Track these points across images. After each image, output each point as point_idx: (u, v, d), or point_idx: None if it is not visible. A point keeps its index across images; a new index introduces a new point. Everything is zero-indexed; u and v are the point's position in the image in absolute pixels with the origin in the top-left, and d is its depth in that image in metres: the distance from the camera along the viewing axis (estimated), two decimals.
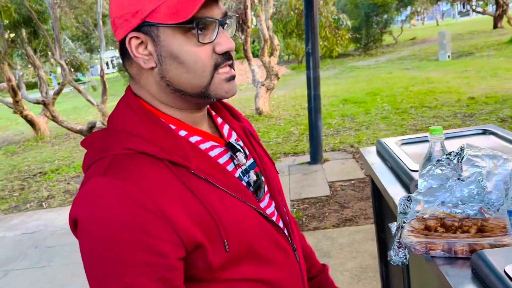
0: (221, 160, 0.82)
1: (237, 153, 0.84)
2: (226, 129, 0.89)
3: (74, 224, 0.72)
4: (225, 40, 0.76)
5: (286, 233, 0.88)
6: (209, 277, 0.76)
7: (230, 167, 0.83)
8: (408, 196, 1.26)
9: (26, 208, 5.16)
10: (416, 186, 1.31)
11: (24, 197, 5.57)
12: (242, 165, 0.85)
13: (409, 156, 1.74)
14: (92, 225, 0.69)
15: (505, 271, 0.87)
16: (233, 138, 0.88)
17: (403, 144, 1.97)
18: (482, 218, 1.13)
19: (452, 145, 1.54)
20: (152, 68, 0.76)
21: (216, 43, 0.75)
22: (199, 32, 0.73)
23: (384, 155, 1.91)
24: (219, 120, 0.90)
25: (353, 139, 5.96)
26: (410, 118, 6.63)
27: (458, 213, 1.18)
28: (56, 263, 3.59)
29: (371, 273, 2.67)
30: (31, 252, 3.89)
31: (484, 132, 1.96)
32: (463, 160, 1.21)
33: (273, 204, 0.89)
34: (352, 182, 4.42)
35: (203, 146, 0.81)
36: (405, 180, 1.58)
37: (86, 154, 0.78)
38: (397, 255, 1.14)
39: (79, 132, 6.98)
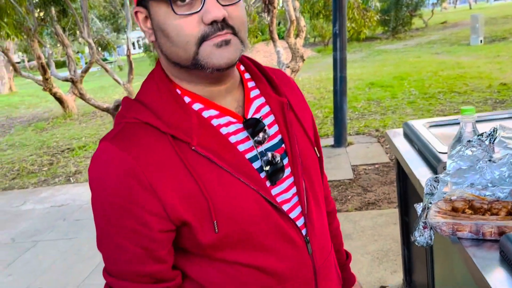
0: (235, 138, 0.78)
1: (259, 132, 0.79)
2: (256, 103, 0.83)
3: (89, 180, 0.77)
4: (213, 8, 0.69)
5: (301, 223, 0.83)
6: (200, 253, 0.77)
7: (244, 146, 0.79)
8: (436, 177, 1.24)
9: (55, 182, 5.32)
10: (444, 168, 1.28)
11: (53, 172, 5.73)
12: (262, 145, 0.80)
13: (437, 138, 1.70)
14: (92, 185, 0.75)
15: None
16: (260, 114, 0.82)
17: (431, 126, 1.93)
18: None
19: (483, 129, 1.50)
20: (154, 42, 0.76)
21: (204, 11, 0.69)
22: (180, 3, 0.69)
23: (411, 137, 1.88)
24: (255, 92, 0.84)
25: (379, 123, 5.87)
26: (438, 103, 6.47)
27: (487, 195, 1.15)
28: (83, 236, 3.70)
29: (393, 256, 2.66)
30: (59, 224, 4.01)
31: None
32: (495, 141, 1.18)
33: (294, 189, 0.83)
34: (376, 166, 4.37)
35: (217, 122, 0.77)
36: (433, 162, 1.55)
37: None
38: (422, 235, 1.12)
39: (106, 110, 7.09)
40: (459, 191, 1.17)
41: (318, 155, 0.91)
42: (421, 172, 1.56)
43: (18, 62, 13.36)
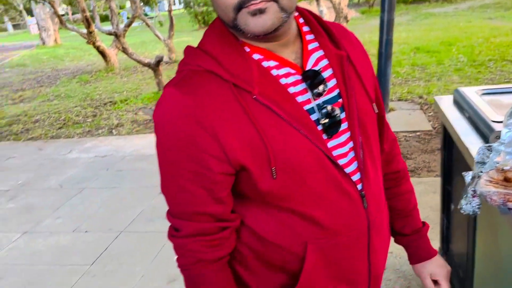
0: (294, 89, 0.79)
1: (318, 84, 0.80)
2: (315, 56, 0.82)
3: (154, 125, 0.80)
4: None
5: (356, 178, 0.83)
6: (258, 199, 0.80)
7: (302, 98, 0.79)
8: (489, 146, 1.21)
9: (98, 133, 5.52)
10: (497, 137, 1.25)
11: (96, 123, 5.94)
12: (320, 97, 0.80)
13: (490, 106, 1.64)
14: (157, 129, 0.78)
15: None
16: (319, 67, 0.82)
17: (484, 94, 1.86)
18: None
19: None
20: None
21: None
22: None
23: (462, 104, 1.82)
24: (313, 45, 0.83)
25: (422, 89, 5.69)
26: (487, 71, 6.17)
27: None
28: (125, 186, 3.87)
29: (431, 224, 2.64)
30: (103, 174, 4.20)
31: None
32: None
33: (350, 144, 0.83)
34: (418, 133, 4.27)
35: (276, 72, 0.78)
36: (484, 131, 1.51)
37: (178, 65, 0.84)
38: (470, 204, 1.11)
39: (147, 65, 7.17)
40: None
41: (377, 111, 0.89)
42: (470, 141, 1.52)
43: (63, 15, 13.59)
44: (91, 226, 3.23)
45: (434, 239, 2.52)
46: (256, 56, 0.78)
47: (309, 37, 0.84)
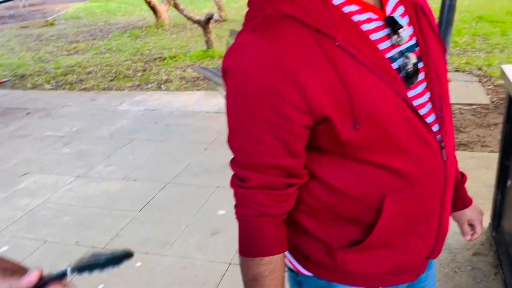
0: (376, 36, 0.75)
1: (399, 30, 0.76)
2: (393, 2, 0.79)
3: (224, 73, 0.76)
4: None
5: (435, 129, 0.81)
6: (336, 151, 0.77)
7: (384, 45, 0.76)
8: None
9: (147, 88, 5.63)
10: None
11: (146, 78, 6.05)
12: (400, 45, 0.77)
13: None
14: (233, 78, 0.74)
15: None
16: (397, 13, 0.78)
17: None
18: None
19: None
20: None
21: None
22: None
23: None
24: None
25: (483, 61, 5.37)
26: None
27: None
28: (172, 140, 3.96)
29: (481, 200, 2.55)
30: (151, 127, 4.31)
31: None
32: None
33: (428, 95, 0.80)
34: (474, 107, 4.08)
35: (358, 18, 0.74)
36: None
37: (247, 12, 0.78)
38: None
39: (197, 22, 7.15)
40: None
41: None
42: None
43: None
44: (139, 175, 3.36)
45: (485, 214, 2.44)
46: (337, 1, 0.74)
47: None
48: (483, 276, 2.03)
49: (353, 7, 0.74)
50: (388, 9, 0.78)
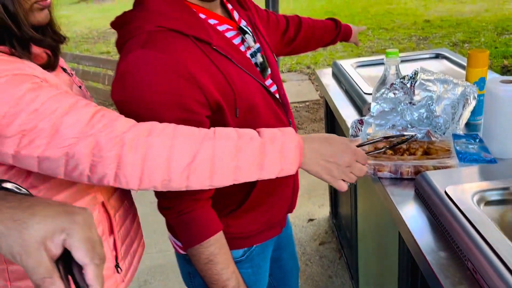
0: (235, 41, 0.95)
1: (247, 36, 0.98)
2: (236, 15, 1.00)
3: (120, 90, 0.81)
4: None
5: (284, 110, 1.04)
6: None
7: (242, 48, 0.97)
8: (360, 119, 1.28)
9: None
10: (369, 109, 1.32)
11: None
12: (251, 48, 0.99)
13: (364, 79, 1.74)
14: (135, 91, 0.80)
15: (445, 191, 0.92)
16: (243, 24, 1.00)
17: (358, 66, 1.97)
18: (429, 141, 1.17)
19: (407, 69, 1.55)
20: None
21: None
22: None
23: (339, 77, 1.91)
24: (229, 6, 1.01)
25: (310, 60, 5.93)
26: (366, 39, 6.62)
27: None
28: None
29: (321, 191, 2.80)
30: None
31: (437, 56, 1.99)
32: (416, 84, 1.22)
33: (275, 87, 1.03)
34: (307, 103, 4.46)
35: (220, 28, 0.92)
36: (359, 103, 1.60)
37: (118, 34, 0.87)
38: None
39: None
40: (382, 133, 1.22)
41: (276, 59, 1.11)
42: (347, 113, 1.60)
43: None
44: None
45: (325, 205, 2.69)
46: (202, 16, 0.90)
47: None
48: (330, 262, 2.22)
49: (213, 20, 0.92)
50: (236, 20, 0.99)
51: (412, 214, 0.98)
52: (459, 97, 1.20)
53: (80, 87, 0.90)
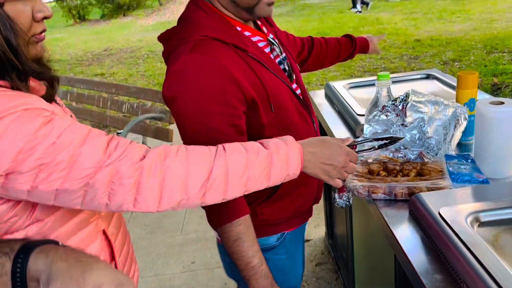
0: (266, 50, 1.13)
1: (274, 47, 1.16)
2: (265, 30, 1.18)
3: (176, 88, 0.97)
4: None
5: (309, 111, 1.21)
6: (253, 133, 1.05)
7: (272, 56, 1.14)
8: (353, 140, 1.29)
9: None
10: (362, 130, 1.34)
11: None
12: (279, 56, 1.16)
13: (356, 100, 1.76)
14: (187, 90, 0.96)
15: (439, 213, 0.92)
16: (270, 37, 1.17)
17: (351, 87, 1.99)
18: (422, 162, 1.19)
19: (398, 89, 1.57)
20: None
21: None
22: None
23: (332, 98, 1.93)
24: (259, 22, 1.19)
25: (303, 79, 5.98)
26: (358, 59, 6.70)
27: (399, 157, 1.22)
28: None
29: (316, 210, 2.78)
30: None
31: (428, 77, 2.02)
32: (407, 106, 1.24)
33: (299, 90, 1.19)
34: None
35: (253, 39, 1.10)
36: (351, 124, 1.61)
37: (166, 45, 1.06)
38: (341, 198, 1.17)
39: None
40: (375, 154, 1.23)
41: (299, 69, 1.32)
42: (340, 134, 1.62)
43: None
44: None
45: (320, 225, 2.67)
46: (238, 28, 1.07)
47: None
48: (327, 284, 2.20)
49: (247, 32, 1.10)
50: (265, 33, 1.17)
51: (406, 236, 0.98)
52: (450, 118, 1.22)
53: (71, 116, 0.90)
